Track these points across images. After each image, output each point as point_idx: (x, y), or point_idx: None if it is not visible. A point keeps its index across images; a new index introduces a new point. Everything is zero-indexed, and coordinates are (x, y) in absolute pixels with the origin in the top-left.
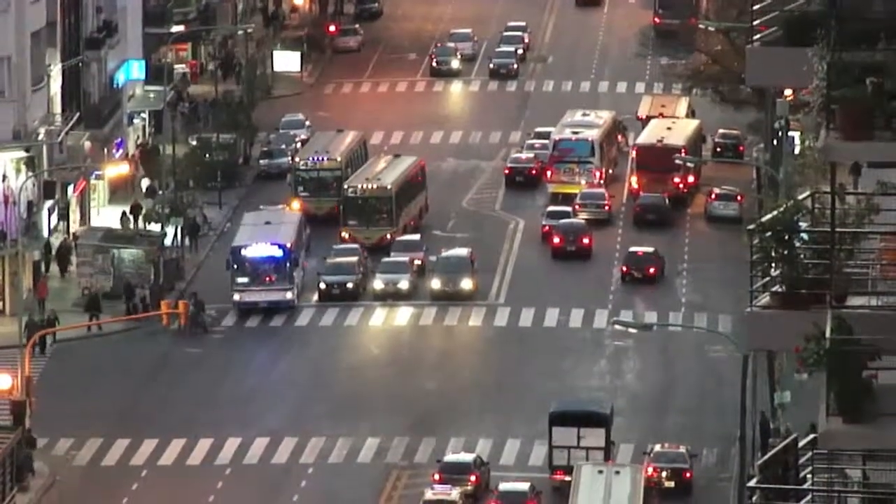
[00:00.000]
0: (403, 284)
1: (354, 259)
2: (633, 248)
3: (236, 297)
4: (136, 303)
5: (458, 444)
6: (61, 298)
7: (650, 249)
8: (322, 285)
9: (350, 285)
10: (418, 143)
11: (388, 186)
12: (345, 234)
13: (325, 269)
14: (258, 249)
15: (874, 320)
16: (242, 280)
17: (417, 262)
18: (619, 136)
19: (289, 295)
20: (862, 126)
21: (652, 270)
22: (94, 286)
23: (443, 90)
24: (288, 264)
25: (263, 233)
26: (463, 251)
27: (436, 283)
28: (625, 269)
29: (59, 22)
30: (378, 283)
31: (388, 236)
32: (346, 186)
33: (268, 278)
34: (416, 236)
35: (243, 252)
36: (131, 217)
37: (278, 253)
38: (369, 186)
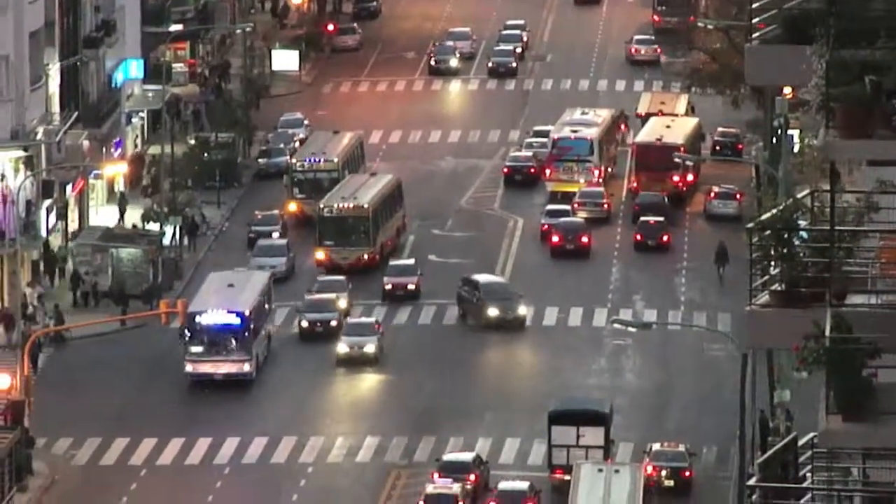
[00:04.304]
0: (370, 348)
1: (334, 295)
2: (644, 218)
3: (189, 367)
4: (86, 291)
5: (458, 443)
6: (50, 303)
7: (661, 218)
8: (304, 323)
9: (333, 323)
10: (417, 142)
11: (365, 206)
12: (320, 255)
13: (305, 306)
14: (214, 317)
15: (874, 318)
16: (196, 349)
17: (411, 286)
18: (623, 126)
19: (246, 367)
20: (861, 124)
21: (665, 238)
22: (91, 284)
23: (441, 89)
24: (246, 334)
25: (222, 298)
26: (498, 277)
27: (493, 311)
28: (639, 237)
29: (58, 21)
30: (342, 347)
31: (365, 256)
32: (321, 206)
33: (224, 349)
34: (411, 261)
35: (198, 319)
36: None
37: (235, 321)
38: (346, 206)
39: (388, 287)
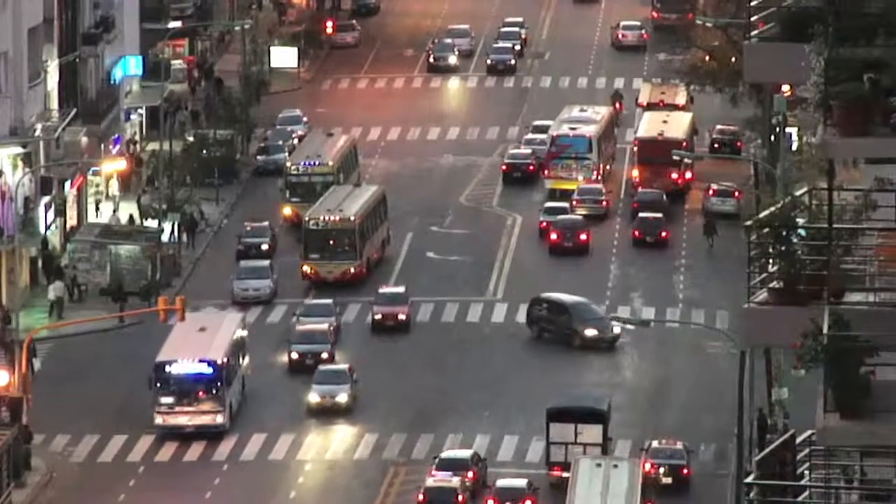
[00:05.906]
0: (342, 398)
1: (326, 325)
2: (643, 214)
3: (158, 419)
4: (68, 284)
5: (456, 440)
6: (45, 299)
7: (660, 215)
8: (294, 355)
9: (324, 355)
10: (415, 140)
11: (352, 218)
12: (306, 269)
13: (295, 337)
14: (184, 366)
15: (872, 316)
16: (166, 400)
17: (402, 316)
18: (618, 104)
19: (219, 419)
20: (859, 122)
21: (664, 235)
22: (89, 282)
23: (440, 86)
24: (219, 383)
25: (192, 346)
26: (577, 297)
27: (589, 332)
28: (637, 233)
29: (56, 18)
30: (313, 397)
31: (352, 270)
32: (307, 218)
33: (195, 399)
34: (401, 288)
35: (167, 369)
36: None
37: (207, 370)
38: (332, 218)
39: (378, 317)
